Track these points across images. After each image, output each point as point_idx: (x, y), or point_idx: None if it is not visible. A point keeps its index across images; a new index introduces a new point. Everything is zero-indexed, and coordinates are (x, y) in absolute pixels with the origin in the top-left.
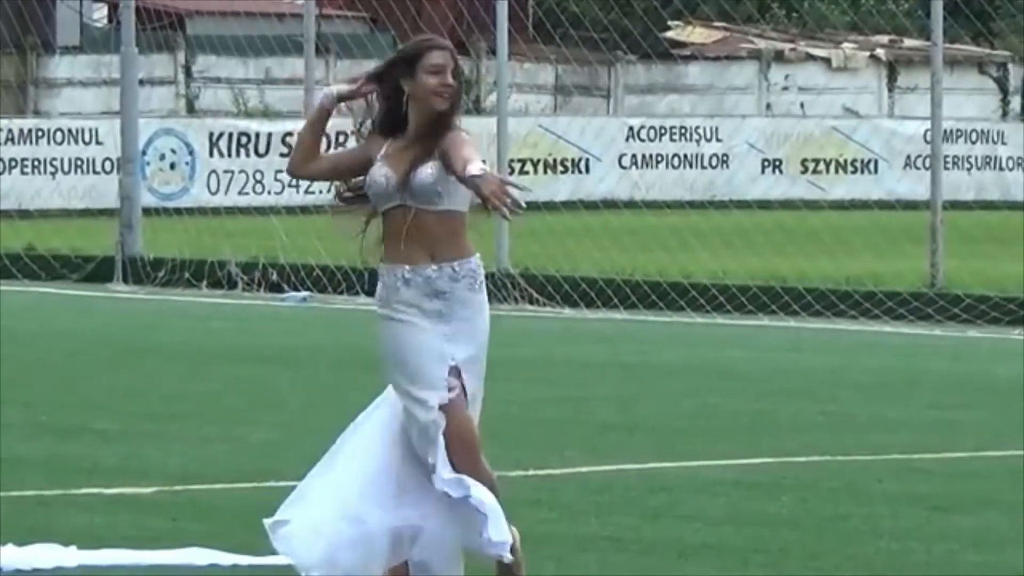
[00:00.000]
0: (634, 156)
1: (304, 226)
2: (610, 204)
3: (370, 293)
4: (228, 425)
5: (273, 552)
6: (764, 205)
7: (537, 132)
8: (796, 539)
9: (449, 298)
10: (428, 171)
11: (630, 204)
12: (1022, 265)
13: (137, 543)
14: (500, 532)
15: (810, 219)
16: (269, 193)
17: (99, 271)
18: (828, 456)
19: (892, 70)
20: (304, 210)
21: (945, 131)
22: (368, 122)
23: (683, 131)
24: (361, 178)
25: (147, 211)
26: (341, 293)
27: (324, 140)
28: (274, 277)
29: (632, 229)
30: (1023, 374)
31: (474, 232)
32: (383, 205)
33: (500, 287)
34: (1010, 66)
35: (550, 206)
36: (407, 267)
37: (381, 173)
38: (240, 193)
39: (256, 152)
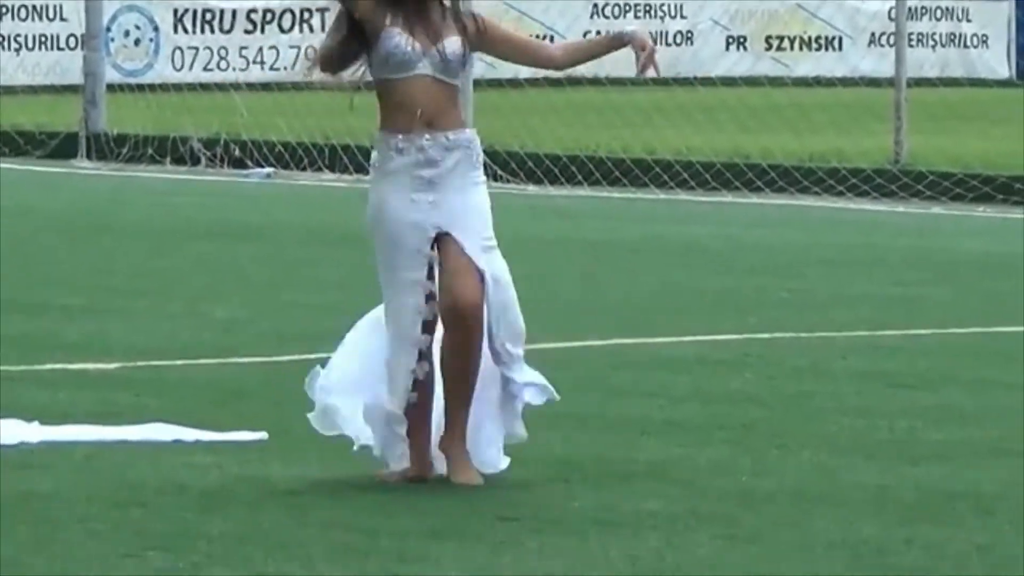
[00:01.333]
0: (598, 33)
1: (269, 103)
2: (574, 81)
3: (334, 169)
4: (192, 302)
5: (236, 428)
6: (728, 82)
7: (501, 9)
8: (760, 416)
9: (441, 167)
10: (457, 43)
11: (594, 81)
12: (986, 142)
13: (100, 419)
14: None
15: (774, 96)
16: (233, 70)
17: (63, 147)
18: (792, 333)
19: None
20: (268, 87)
21: (910, 8)
22: None
23: (648, 8)
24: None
25: (111, 87)
26: (305, 169)
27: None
28: (236, 152)
29: (596, 106)
30: (986, 251)
31: None
32: (398, 73)
33: None
34: None
35: (514, 83)
36: (400, 136)
37: (404, 41)
38: (204, 69)
39: (220, 28)
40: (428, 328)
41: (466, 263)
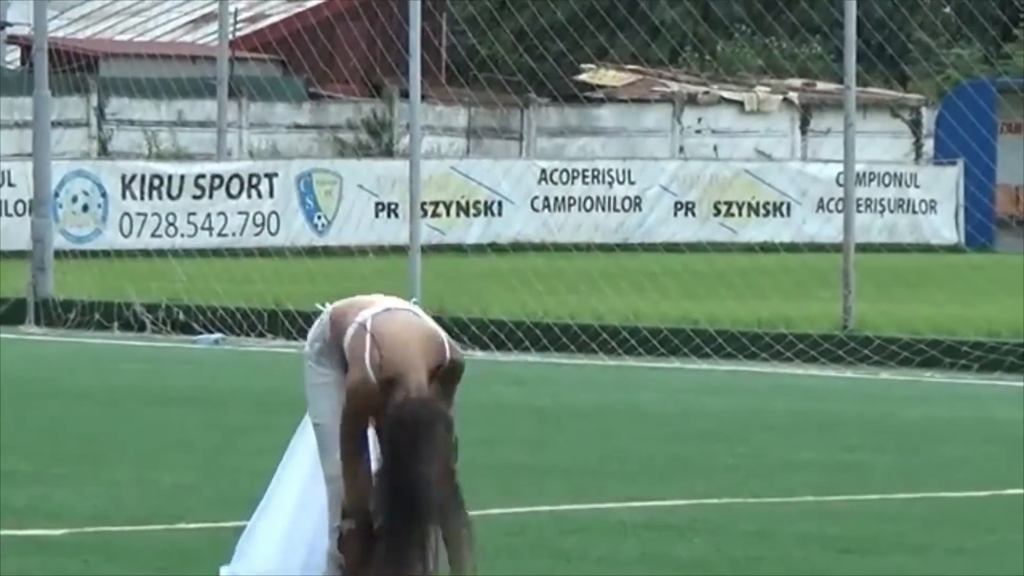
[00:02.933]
0: (546, 198)
1: (217, 268)
2: (521, 247)
3: (281, 335)
4: (139, 467)
5: None
6: (676, 248)
7: (449, 174)
8: None
9: None
10: None
11: (541, 247)
12: (933, 307)
13: None
14: None
15: (722, 262)
16: (182, 236)
17: (11, 313)
18: (740, 499)
19: (805, 113)
20: (216, 252)
21: (858, 174)
22: None
23: (595, 173)
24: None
25: (60, 253)
26: (253, 335)
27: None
28: (181, 317)
29: (543, 272)
30: (933, 416)
31: (388, 275)
32: None
33: None
34: (923, 109)
35: (461, 249)
36: None
37: None
38: (153, 235)
39: (169, 195)
40: None
41: None
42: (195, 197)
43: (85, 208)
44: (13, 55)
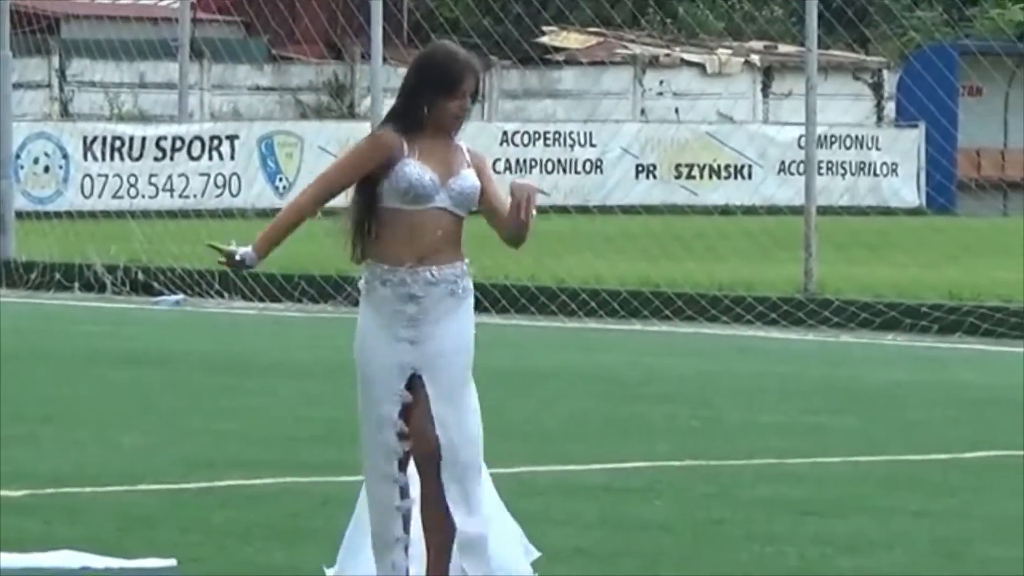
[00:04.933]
0: (508, 161)
1: (178, 229)
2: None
3: (245, 297)
4: (100, 429)
5: (145, 555)
6: (637, 210)
7: None
8: (669, 543)
9: (423, 303)
10: (473, 177)
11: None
12: (894, 269)
13: (9, 546)
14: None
15: (683, 225)
16: (143, 197)
17: None
18: (702, 461)
19: (767, 76)
20: (178, 214)
21: (819, 137)
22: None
23: (557, 136)
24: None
25: (21, 214)
26: (215, 296)
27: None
28: (140, 278)
29: None
30: (894, 379)
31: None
32: (414, 205)
33: None
34: (885, 72)
35: None
36: (387, 267)
37: (424, 174)
38: (114, 197)
39: (130, 156)
40: (402, 466)
41: (430, 414)
42: (156, 159)
43: (46, 169)
44: None
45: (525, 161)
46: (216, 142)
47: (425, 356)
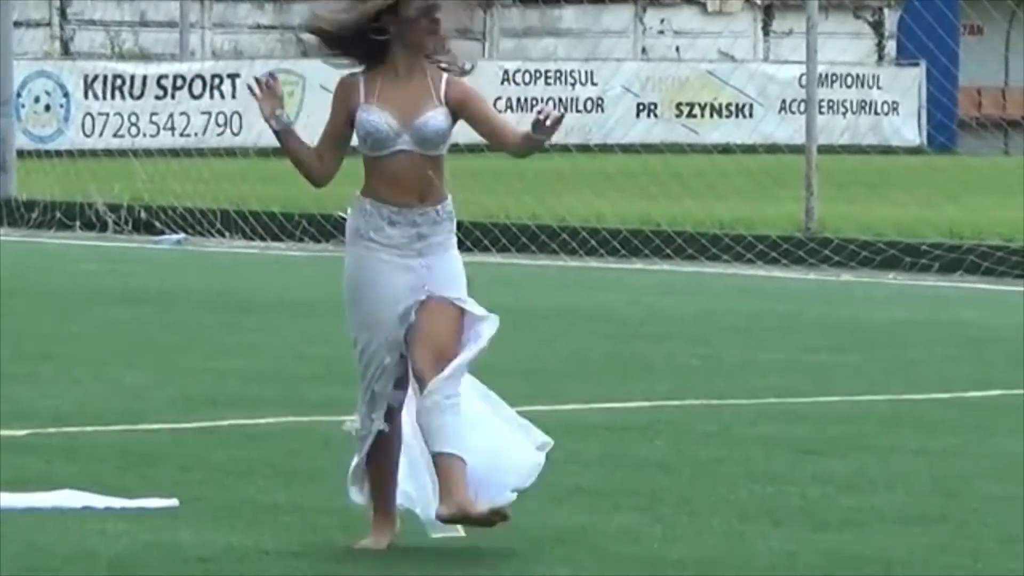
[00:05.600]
0: (509, 99)
1: (179, 168)
2: (482, 148)
3: (246, 236)
4: (100, 367)
5: (146, 494)
6: (638, 149)
7: None
8: (669, 482)
9: (430, 239)
10: (440, 118)
11: (496, 148)
12: (895, 208)
13: (9, 485)
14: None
15: (684, 163)
16: (144, 136)
17: None
18: (702, 400)
19: (768, 14)
20: (179, 153)
21: (820, 75)
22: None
23: (558, 75)
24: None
25: (22, 153)
26: (216, 235)
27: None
28: (143, 216)
29: (504, 173)
30: (895, 318)
31: (351, 176)
32: (379, 151)
33: None
34: (886, 10)
35: None
36: (393, 207)
37: (380, 119)
38: (115, 135)
39: (131, 95)
40: (399, 384)
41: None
42: (158, 97)
43: (47, 108)
44: None
45: (526, 100)
46: (217, 80)
47: (438, 279)
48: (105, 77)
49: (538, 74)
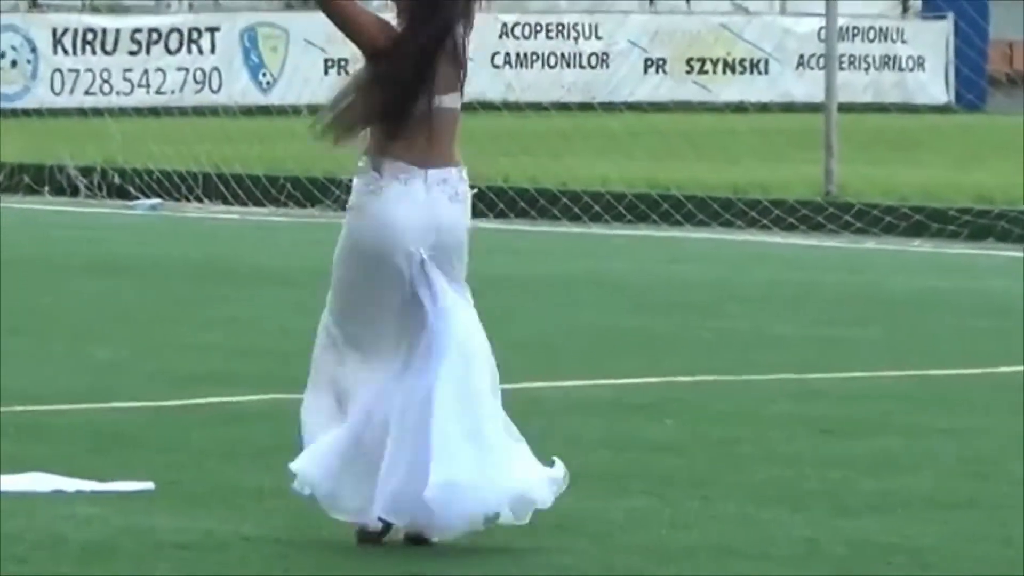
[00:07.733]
0: (507, 55)
1: (155, 129)
2: (481, 106)
3: (226, 201)
4: (73, 341)
5: (120, 477)
6: (645, 108)
7: None
8: (681, 465)
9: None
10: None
11: (503, 106)
12: (921, 171)
13: None
14: None
15: (695, 123)
16: (117, 93)
17: None
18: (714, 376)
19: None
20: (153, 112)
21: (840, 29)
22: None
23: (560, 28)
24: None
25: None
26: (193, 200)
27: None
28: (116, 181)
29: (504, 133)
30: (921, 287)
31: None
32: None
33: None
34: None
35: None
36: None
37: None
38: (86, 93)
39: (104, 50)
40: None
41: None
42: (131, 53)
43: (14, 64)
44: None
45: (526, 55)
46: (195, 35)
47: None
48: (75, 31)
49: (538, 27)
